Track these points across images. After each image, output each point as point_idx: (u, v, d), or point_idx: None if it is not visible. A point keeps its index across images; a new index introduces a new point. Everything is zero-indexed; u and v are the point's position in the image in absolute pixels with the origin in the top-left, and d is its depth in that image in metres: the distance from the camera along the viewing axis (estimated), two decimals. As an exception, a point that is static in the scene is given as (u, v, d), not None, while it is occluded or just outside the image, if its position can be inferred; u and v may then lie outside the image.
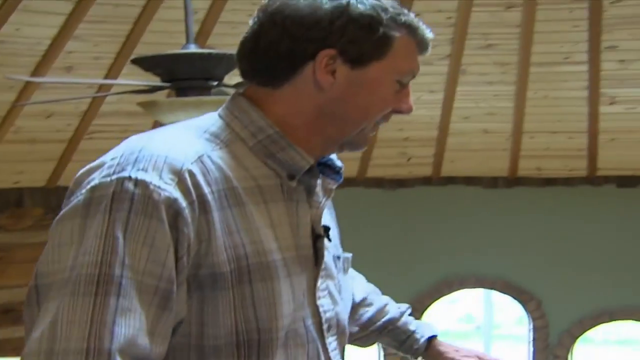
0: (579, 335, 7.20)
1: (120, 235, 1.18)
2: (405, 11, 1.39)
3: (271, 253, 1.33)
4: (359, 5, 1.34)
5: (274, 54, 1.36)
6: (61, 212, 1.25)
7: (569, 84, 6.43)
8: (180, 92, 3.66)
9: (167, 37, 5.37)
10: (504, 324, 13.31)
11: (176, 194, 1.22)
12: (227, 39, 5.49)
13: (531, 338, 7.29)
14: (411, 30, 1.38)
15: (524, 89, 6.44)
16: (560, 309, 7.20)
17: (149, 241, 1.19)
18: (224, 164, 1.32)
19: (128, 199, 1.20)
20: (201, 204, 1.25)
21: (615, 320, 7.23)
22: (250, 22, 1.41)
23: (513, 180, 7.32)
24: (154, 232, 1.20)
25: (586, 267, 7.12)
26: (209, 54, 3.62)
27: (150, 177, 1.21)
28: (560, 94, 6.55)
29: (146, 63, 3.65)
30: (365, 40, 1.34)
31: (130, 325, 1.17)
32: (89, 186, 1.23)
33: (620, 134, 6.76)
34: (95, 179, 1.24)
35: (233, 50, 3.80)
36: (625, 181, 7.12)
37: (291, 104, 1.38)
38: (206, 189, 1.26)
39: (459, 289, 7.50)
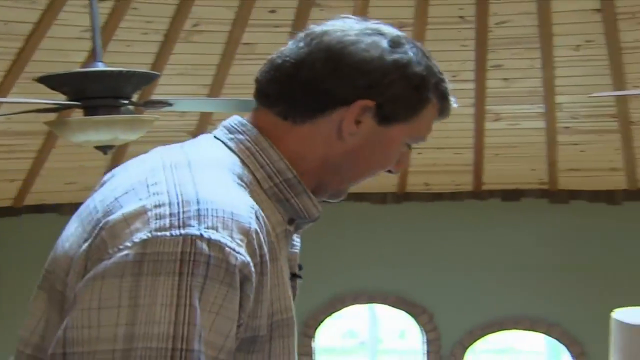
0: (470, 345, 7.39)
1: (197, 304, 1.03)
2: (446, 78, 1.33)
3: (291, 309, 1.24)
4: (416, 65, 1.27)
5: (313, 88, 1.25)
6: (97, 268, 1.07)
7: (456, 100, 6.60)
8: (90, 110, 3.58)
9: (60, 55, 5.25)
10: (387, 338, 13.50)
11: (248, 257, 1.09)
12: (122, 57, 5.41)
13: (425, 351, 7.44)
14: (443, 98, 1.32)
15: (413, 107, 6.58)
16: (452, 321, 7.38)
17: (218, 309, 1.06)
18: (263, 215, 1.19)
19: (203, 262, 1.05)
20: (262, 264, 1.13)
21: (504, 329, 7.46)
22: (292, 44, 1.29)
23: (402, 196, 7.46)
24: (225, 301, 1.06)
25: (475, 279, 7.33)
26: (120, 72, 3.55)
27: (224, 239, 1.07)
28: (448, 111, 6.72)
29: (53, 81, 3.55)
30: (407, 100, 1.27)
31: None
32: (137, 239, 1.06)
33: (504, 149, 7.00)
34: (143, 230, 1.07)
35: (130, 67, 3.75)
36: (509, 195, 7.37)
37: (305, 145, 1.27)
38: (265, 248, 1.14)
39: (352, 305, 7.57)
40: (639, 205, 7.13)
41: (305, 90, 1.25)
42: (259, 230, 1.13)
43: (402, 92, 1.26)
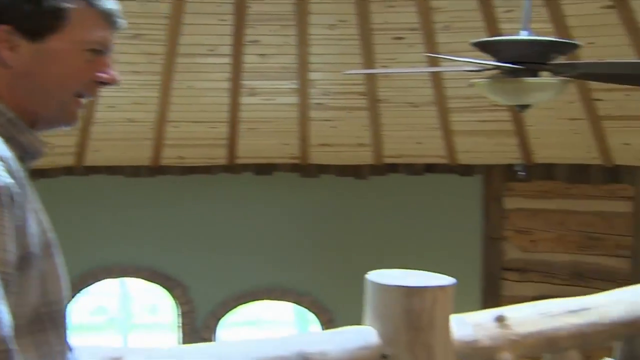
0: (222, 317, 7.51)
1: None
2: None
3: (49, 230, 1.34)
4: None
5: None
6: None
7: (212, 75, 6.66)
8: None
9: None
10: (138, 314, 13.40)
11: (10, 179, 1.18)
12: None
13: (179, 323, 7.46)
14: (89, 2, 1.39)
15: (169, 79, 6.57)
16: (205, 293, 7.46)
17: None
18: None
19: None
20: (21, 186, 1.22)
21: (256, 300, 7.63)
22: None
23: (155, 169, 7.41)
24: None
25: (229, 252, 7.45)
26: None
27: None
28: (204, 84, 6.77)
29: None
30: (35, 14, 1.34)
31: (6, 312, 1.13)
32: None
33: (258, 123, 7.13)
34: None
35: None
36: (262, 169, 7.53)
37: None
38: (19, 173, 1.23)
39: (104, 279, 7.45)
40: (383, 180, 7.52)
41: None
42: (11, 156, 1.22)
43: (24, 8, 1.33)
